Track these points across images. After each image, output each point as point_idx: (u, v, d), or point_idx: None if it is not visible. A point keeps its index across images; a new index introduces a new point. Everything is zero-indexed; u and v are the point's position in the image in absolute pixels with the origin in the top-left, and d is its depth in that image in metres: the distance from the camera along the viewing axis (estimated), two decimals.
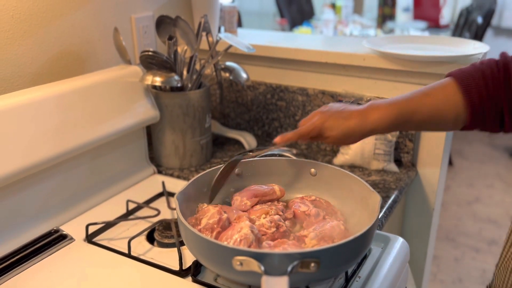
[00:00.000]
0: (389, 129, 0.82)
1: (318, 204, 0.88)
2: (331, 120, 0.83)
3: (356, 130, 0.82)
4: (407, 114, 0.80)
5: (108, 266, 0.86)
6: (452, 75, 0.79)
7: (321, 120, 0.83)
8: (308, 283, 0.75)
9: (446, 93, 0.78)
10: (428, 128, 0.85)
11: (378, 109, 0.81)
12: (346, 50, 1.25)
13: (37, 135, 0.91)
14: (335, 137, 0.83)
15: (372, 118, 0.81)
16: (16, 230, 0.91)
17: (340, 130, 0.82)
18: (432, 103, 0.79)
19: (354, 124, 0.82)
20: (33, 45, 1.03)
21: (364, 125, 0.81)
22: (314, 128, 0.84)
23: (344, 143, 0.86)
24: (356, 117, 0.82)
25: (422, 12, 3.76)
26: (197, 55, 1.18)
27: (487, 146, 3.84)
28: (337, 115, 0.83)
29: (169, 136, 1.20)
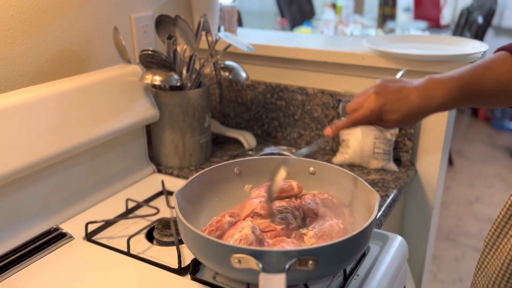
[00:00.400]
0: (455, 106, 0.76)
1: (329, 203, 0.88)
2: (390, 103, 0.75)
3: (421, 110, 0.75)
4: (472, 89, 0.74)
5: (107, 265, 0.86)
6: (507, 49, 0.75)
7: (378, 103, 0.75)
8: (306, 281, 0.75)
9: (508, 67, 0.74)
10: (491, 103, 0.79)
11: (442, 85, 0.74)
12: (346, 49, 1.25)
13: (37, 134, 0.91)
14: (396, 120, 0.76)
15: (436, 95, 0.74)
16: (16, 229, 0.92)
17: (402, 113, 0.75)
18: (495, 77, 0.74)
19: (417, 105, 0.75)
20: (33, 44, 1.04)
21: (429, 104, 0.75)
22: (371, 113, 0.76)
23: (405, 125, 0.79)
24: (418, 96, 0.75)
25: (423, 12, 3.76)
26: (196, 55, 1.19)
27: (487, 146, 3.83)
28: (396, 96, 0.75)
29: (168, 135, 1.20)
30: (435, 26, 3.64)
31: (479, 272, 0.77)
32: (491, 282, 0.72)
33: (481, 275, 0.76)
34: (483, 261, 0.76)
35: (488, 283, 0.73)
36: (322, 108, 1.32)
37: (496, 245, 0.73)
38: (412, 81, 0.78)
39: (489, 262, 0.74)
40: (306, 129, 1.37)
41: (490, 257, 0.74)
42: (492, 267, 0.73)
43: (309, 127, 1.36)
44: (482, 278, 0.76)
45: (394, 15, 3.70)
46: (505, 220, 0.71)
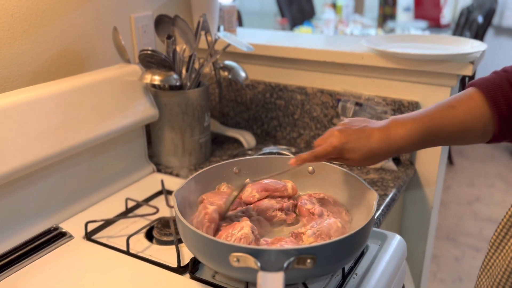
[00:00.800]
0: (415, 147, 0.76)
1: (325, 202, 0.88)
2: (351, 141, 0.76)
3: (381, 151, 0.75)
4: (434, 129, 0.74)
5: (107, 264, 0.86)
6: (475, 85, 0.74)
7: (340, 141, 0.76)
8: (304, 280, 0.75)
9: (472, 105, 0.73)
10: (457, 142, 0.78)
11: (403, 126, 0.74)
12: (345, 49, 1.25)
13: (36, 133, 0.92)
14: (356, 159, 0.77)
15: (397, 137, 0.74)
16: (15, 228, 0.92)
17: (363, 153, 0.76)
18: (459, 116, 0.73)
19: (378, 145, 0.75)
20: (32, 44, 1.04)
21: (389, 145, 0.75)
22: (333, 149, 0.77)
23: (366, 165, 0.79)
24: (379, 136, 0.75)
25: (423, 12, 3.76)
26: (196, 54, 1.19)
27: (488, 145, 3.83)
28: (357, 135, 0.76)
29: (168, 134, 1.20)
30: (435, 25, 3.64)
31: (483, 273, 0.76)
32: (495, 283, 0.72)
33: (485, 276, 0.76)
34: (488, 261, 0.75)
35: (493, 284, 0.73)
36: (322, 108, 1.32)
37: (502, 245, 0.72)
38: (376, 122, 0.78)
39: (493, 263, 0.74)
40: (306, 128, 1.37)
41: (495, 258, 0.74)
42: (497, 268, 0.72)
43: (308, 126, 1.36)
44: (486, 279, 0.75)
45: (394, 14, 3.70)
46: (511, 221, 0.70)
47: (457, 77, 1.15)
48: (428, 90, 1.18)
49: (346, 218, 0.86)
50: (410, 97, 1.21)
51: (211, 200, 0.85)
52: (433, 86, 1.18)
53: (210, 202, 0.84)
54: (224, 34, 1.16)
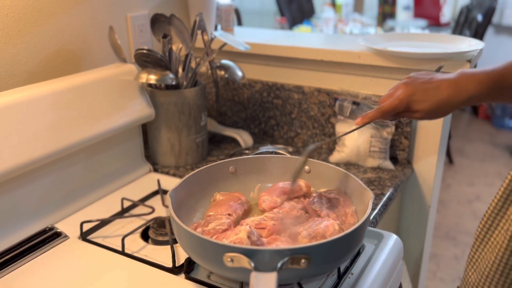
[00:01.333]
0: (485, 99, 0.76)
1: (335, 203, 0.86)
2: (419, 93, 0.75)
3: (451, 102, 0.75)
4: (503, 83, 0.74)
5: (102, 264, 0.86)
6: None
7: (407, 93, 0.76)
8: (299, 280, 0.75)
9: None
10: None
11: (473, 77, 0.74)
12: (342, 47, 1.25)
13: (32, 133, 0.91)
14: (425, 110, 0.76)
15: (467, 88, 0.74)
16: (10, 228, 0.92)
17: (432, 103, 0.75)
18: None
19: (447, 95, 0.74)
20: (28, 43, 1.04)
21: (460, 95, 0.74)
22: (400, 102, 0.76)
23: (434, 117, 0.78)
24: (448, 87, 0.75)
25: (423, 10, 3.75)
26: (192, 53, 1.18)
27: (488, 144, 3.83)
28: (425, 86, 0.76)
29: (164, 134, 1.20)
30: (435, 24, 3.63)
31: (470, 267, 0.76)
32: (484, 277, 0.72)
33: (471, 270, 0.76)
34: (474, 255, 0.76)
35: (481, 278, 0.73)
36: (319, 107, 1.32)
37: (487, 237, 0.73)
38: (444, 74, 0.78)
39: (480, 255, 0.74)
40: (303, 127, 1.37)
41: (481, 251, 0.74)
42: (484, 261, 0.73)
43: (305, 125, 1.36)
44: (473, 272, 0.76)
45: (394, 13, 3.69)
46: (495, 212, 0.71)
47: None
48: None
49: (351, 221, 0.83)
50: None
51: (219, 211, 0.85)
52: None
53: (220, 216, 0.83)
54: (220, 33, 1.15)
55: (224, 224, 0.80)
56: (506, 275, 0.68)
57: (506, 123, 4.09)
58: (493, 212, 0.72)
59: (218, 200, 0.89)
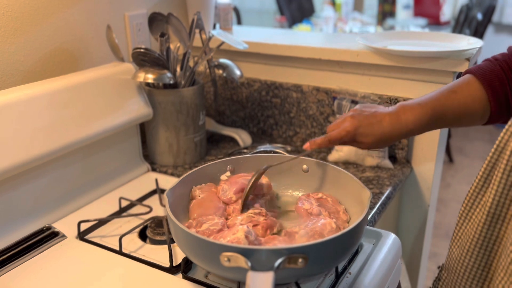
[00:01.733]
0: (423, 129, 0.82)
1: (323, 202, 0.87)
2: (364, 126, 0.81)
3: (393, 135, 0.81)
4: (440, 112, 0.80)
5: (100, 263, 0.86)
6: (471, 72, 0.81)
7: (353, 126, 0.82)
8: (297, 279, 0.75)
9: (471, 89, 0.80)
10: (459, 124, 0.85)
11: (412, 110, 0.80)
12: (340, 46, 1.25)
13: (29, 132, 0.91)
14: (369, 143, 0.82)
15: (407, 120, 0.80)
16: (7, 227, 0.91)
17: (375, 136, 0.81)
18: (461, 100, 0.80)
19: (389, 129, 0.81)
20: (25, 43, 1.03)
21: (400, 128, 0.81)
22: (346, 133, 0.82)
23: (378, 147, 0.85)
24: (390, 121, 0.81)
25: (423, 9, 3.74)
26: (190, 52, 1.18)
27: (488, 143, 3.82)
28: (369, 120, 0.82)
29: (162, 133, 1.20)
30: (434, 23, 3.63)
31: (454, 243, 0.81)
32: (465, 251, 0.75)
33: (455, 246, 0.80)
34: (457, 232, 0.80)
35: (462, 252, 0.76)
36: (317, 106, 1.31)
37: (469, 215, 0.77)
38: (384, 107, 0.84)
39: (463, 232, 0.78)
40: (302, 126, 1.36)
41: (463, 228, 0.78)
42: (466, 236, 0.76)
43: (304, 124, 1.36)
44: (456, 248, 0.79)
45: (394, 12, 3.68)
46: (476, 191, 0.75)
47: (453, 74, 1.14)
48: (424, 87, 1.17)
49: (344, 218, 0.85)
50: (405, 94, 1.20)
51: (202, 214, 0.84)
52: (429, 83, 1.17)
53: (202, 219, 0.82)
54: (218, 32, 1.15)
55: (218, 224, 0.79)
56: (485, 248, 0.73)
57: None
58: (475, 191, 0.76)
59: (199, 199, 0.88)
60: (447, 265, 0.83)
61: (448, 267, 0.82)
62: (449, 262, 0.81)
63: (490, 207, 0.70)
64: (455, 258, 0.79)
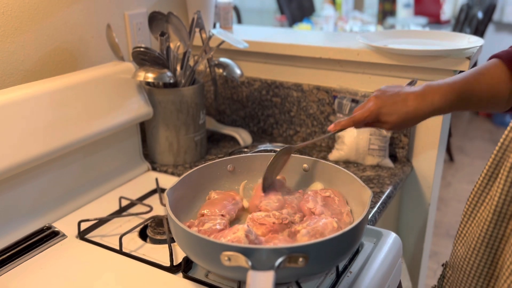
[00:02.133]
0: (450, 109, 0.81)
1: (329, 202, 0.87)
2: (388, 106, 0.81)
3: (417, 113, 0.80)
4: (467, 93, 0.80)
5: (100, 263, 0.86)
6: (498, 57, 0.81)
7: (377, 106, 0.81)
8: (297, 278, 0.75)
9: (498, 71, 0.79)
10: (485, 106, 0.84)
11: (439, 90, 0.79)
12: (341, 45, 1.24)
13: (29, 131, 0.91)
14: (393, 122, 0.81)
15: (432, 100, 0.79)
16: (8, 227, 0.91)
17: (399, 115, 0.80)
18: (488, 82, 0.80)
19: (414, 108, 0.80)
20: (25, 42, 1.03)
21: (425, 107, 0.79)
22: (370, 114, 0.82)
23: (403, 127, 0.84)
24: (415, 100, 0.80)
25: (423, 8, 3.74)
26: (190, 51, 1.18)
27: (488, 142, 3.82)
28: (393, 99, 0.81)
29: (163, 132, 1.19)
30: (435, 22, 3.62)
31: (458, 241, 0.81)
32: (471, 249, 0.75)
33: (460, 244, 0.80)
34: (462, 230, 0.80)
35: (468, 250, 0.76)
36: (318, 105, 1.31)
37: (474, 213, 0.76)
38: (411, 87, 0.83)
39: (467, 231, 0.78)
40: (302, 125, 1.36)
41: (468, 226, 0.78)
42: (471, 235, 0.76)
43: (304, 123, 1.35)
44: (461, 247, 0.79)
45: (394, 11, 3.68)
46: (481, 189, 0.75)
47: (453, 73, 1.14)
48: None
49: (346, 220, 0.84)
50: None
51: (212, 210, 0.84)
52: None
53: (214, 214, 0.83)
54: (218, 31, 1.15)
55: (221, 224, 0.79)
56: (491, 246, 0.73)
57: (507, 120, 4.08)
58: (479, 189, 0.75)
59: (212, 199, 0.89)
60: (451, 263, 0.83)
61: (453, 265, 0.82)
62: (453, 260, 0.81)
63: (496, 205, 0.70)
64: (460, 256, 0.79)
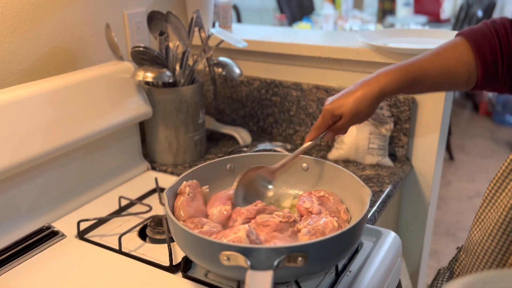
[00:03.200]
0: (399, 91, 0.80)
1: (325, 201, 0.87)
2: (336, 100, 0.82)
3: (366, 96, 0.80)
4: (418, 74, 0.78)
5: (99, 263, 0.86)
6: (462, 35, 0.78)
7: (329, 103, 0.83)
8: (297, 278, 0.75)
9: (457, 52, 0.77)
10: (440, 88, 0.82)
11: (385, 73, 0.79)
12: (340, 44, 1.24)
13: (29, 131, 0.91)
14: (348, 112, 0.81)
15: (378, 81, 0.79)
16: (7, 227, 0.91)
17: (349, 104, 0.80)
18: (443, 62, 0.78)
19: (361, 93, 0.80)
20: (24, 42, 1.03)
21: (372, 90, 0.79)
22: (325, 113, 0.83)
23: (359, 116, 0.82)
24: (361, 86, 0.80)
25: (423, 7, 3.74)
26: (189, 51, 1.18)
27: (488, 140, 3.82)
28: (341, 94, 0.82)
29: (162, 132, 1.19)
30: (435, 20, 3.63)
31: (475, 226, 0.79)
32: (487, 234, 0.74)
33: (477, 229, 0.78)
34: (480, 215, 0.78)
35: (484, 235, 0.75)
36: (317, 104, 1.31)
37: (494, 199, 0.75)
38: None
39: (486, 216, 0.76)
40: (302, 125, 1.36)
41: (487, 211, 0.76)
42: (489, 220, 0.75)
43: (304, 123, 1.35)
44: (478, 231, 0.78)
45: (394, 9, 3.68)
46: (504, 175, 0.73)
47: None
48: None
49: (344, 217, 0.84)
50: None
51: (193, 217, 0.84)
52: None
53: None
54: (217, 30, 1.15)
55: (217, 226, 0.80)
56: (508, 233, 0.71)
57: (507, 119, 4.08)
58: (503, 174, 0.73)
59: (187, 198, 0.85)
60: (466, 247, 0.82)
61: (467, 249, 0.80)
62: (469, 244, 0.80)
63: None
64: (475, 240, 0.77)
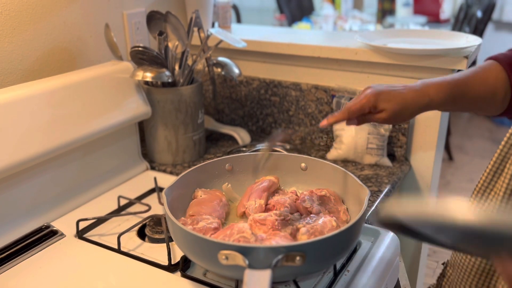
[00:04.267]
0: (444, 105, 0.82)
1: (326, 200, 0.87)
2: (385, 93, 0.80)
3: (414, 103, 0.80)
4: (461, 90, 0.81)
5: (98, 262, 0.86)
6: (494, 59, 0.83)
7: (374, 92, 0.80)
8: (295, 277, 0.75)
9: (494, 72, 0.82)
10: (479, 107, 0.85)
11: (434, 85, 0.81)
12: (339, 44, 1.25)
13: (28, 131, 0.91)
14: (391, 109, 0.80)
15: (428, 92, 0.80)
16: (6, 226, 0.91)
17: (397, 102, 0.80)
18: (484, 81, 0.82)
19: (411, 97, 0.80)
20: (23, 42, 1.03)
21: (421, 98, 0.80)
22: (367, 100, 0.80)
23: (397, 119, 0.82)
24: (411, 91, 0.80)
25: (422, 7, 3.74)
26: (189, 51, 1.18)
27: (487, 141, 3.82)
28: (390, 88, 0.81)
29: (161, 132, 1.20)
30: (434, 21, 3.62)
31: None
32: None
33: None
34: None
35: None
36: (316, 104, 1.31)
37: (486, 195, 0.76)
38: None
39: None
40: (301, 125, 1.36)
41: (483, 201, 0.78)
42: None
43: (303, 123, 1.36)
44: None
45: (394, 10, 3.68)
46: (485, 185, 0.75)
47: (452, 72, 1.14)
48: None
49: (343, 218, 0.85)
50: None
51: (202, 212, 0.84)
52: None
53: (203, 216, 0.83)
54: (216, 30, 1.15)
55: (214, 223, 0.80)
56: None
57: (506, 119, 4.07)
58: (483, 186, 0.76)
59: (200, 198, 0.88)
60: (452, 262, 0.82)
61: (453, 264, 0.81)
62: (454, 258, 0.81)
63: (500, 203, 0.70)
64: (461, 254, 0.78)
